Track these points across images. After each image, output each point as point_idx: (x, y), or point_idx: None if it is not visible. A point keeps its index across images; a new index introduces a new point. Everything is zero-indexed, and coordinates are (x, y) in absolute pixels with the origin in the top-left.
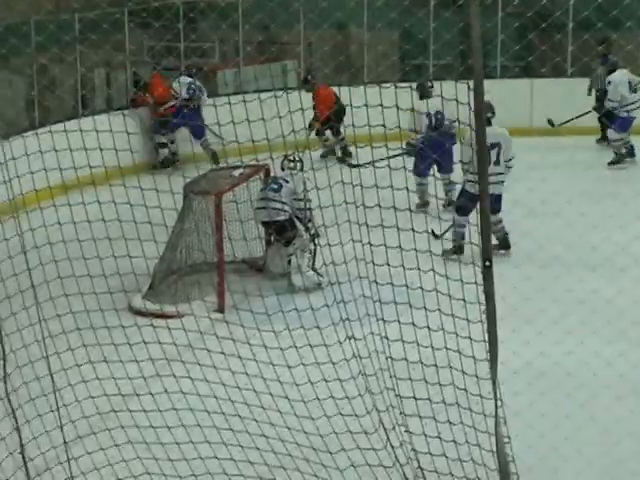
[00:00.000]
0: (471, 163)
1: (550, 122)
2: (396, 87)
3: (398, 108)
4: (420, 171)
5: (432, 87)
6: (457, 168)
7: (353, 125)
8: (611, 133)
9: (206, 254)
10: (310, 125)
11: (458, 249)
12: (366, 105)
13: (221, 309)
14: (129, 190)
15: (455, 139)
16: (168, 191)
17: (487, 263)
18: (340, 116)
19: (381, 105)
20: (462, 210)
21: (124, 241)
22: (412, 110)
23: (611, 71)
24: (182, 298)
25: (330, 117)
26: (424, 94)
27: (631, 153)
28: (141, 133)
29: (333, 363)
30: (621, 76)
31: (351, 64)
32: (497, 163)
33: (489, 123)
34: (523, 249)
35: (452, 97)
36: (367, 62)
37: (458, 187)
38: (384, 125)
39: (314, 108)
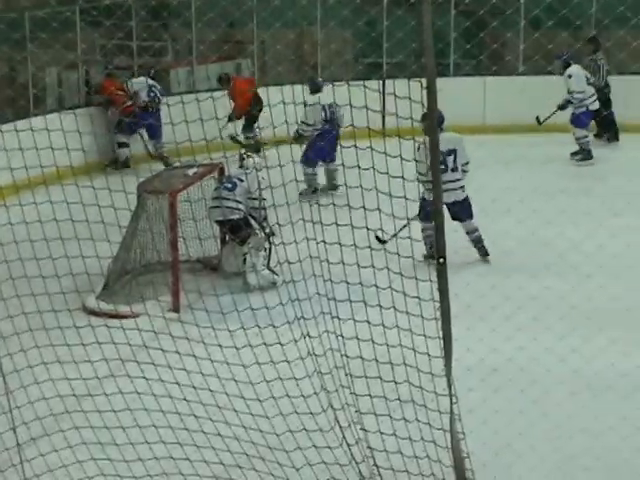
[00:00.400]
0: (428, 173)
1: (537, 120)
2: (349, 85)
3: (351, 106)
4: (310, 161)
5: (323, 82)
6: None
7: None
8: (577, 131)
9: (160, 254)
10: (230, 118)
11: (428, 254)
12: (319, 103)
13: (176, 309)
14: (82, 190)
15: (339, 130)
16: (121, 190)
17: (441, 260)
18: (255, 111)
19: (335, 103)
20: (427, 217)
21: (77, 241)
22: (305, 105)
23: (566, 66)
24: (136, 298)
25: (251, 112)
26: (316, 89)
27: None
28: (94, 132)
29: (288, 362)
30: (578, 69)
31: (305, 62)
32: (455, 169)
33: (441, 129)
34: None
35: (405, 95)
36: (321, 60)
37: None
38: (337, 124)
39: (231, 103)
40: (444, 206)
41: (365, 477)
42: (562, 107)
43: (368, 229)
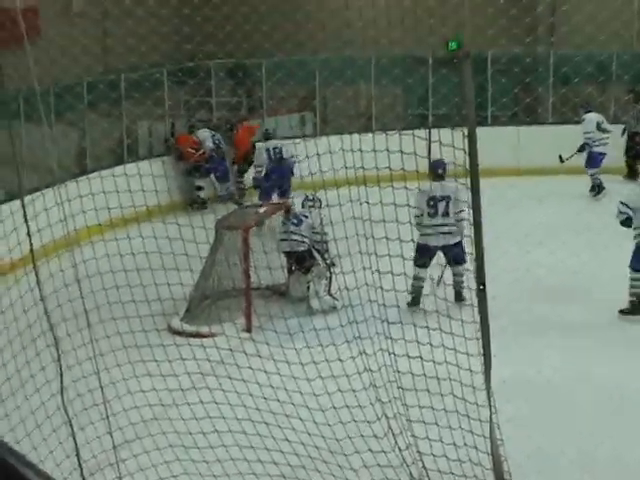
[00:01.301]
0: (423, 216)
1: (560, 158)
2: (400, 134)
3: (402, 152)
4: (264, 195)
5: (274, 131)
6: None
7: (363, 167)
8: (588, 170)
9: (235, 281)
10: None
11: (413, 301)
12: (374, 150)
13: (249, 329)
14: (168, 226)
15: (292, 171)
16: (202, 227)
17: (481, 287)
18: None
19: (387, 150)
20: (419, 262)
21: (164, 271)
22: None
23: (586, 113)
24: (214, 320)
25: (247, 156)
26: (268, 137)
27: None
28: (177, 177)
29: (347, 376)
30: (592, 116)
31: (361, 114)
32: (446, 215)
33: (442, 177)
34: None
35: (449, 143)
36: (375, 113)
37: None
38: (389, 167)
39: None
40: (436, 249)
41: (415, 478)
42: (580, 149)
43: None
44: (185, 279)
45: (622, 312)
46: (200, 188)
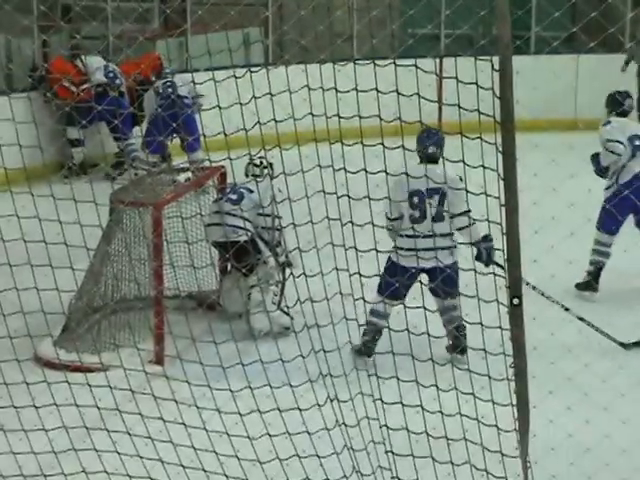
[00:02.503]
0: (402, 220)
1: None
2: (396, 65)
3: (399, 93)
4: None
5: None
6: None
7: (339, 116)
8: None
9: (140, 286)
10: None
11: (365, 347)
12: (356, 89)
13: (160, 360)
14: (37, 200)
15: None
16: (90, 201)
17: (515, 301)
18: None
19: (376, 89)
20: (385, 289)
21: (30, 268)
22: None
23: None
24: (107, 345)
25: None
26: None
27: None
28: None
29: (309, 434)
30: None
31: (336, 34)
32: (438, 219)
33: (433, 158)
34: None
35: (470, 79)
36: (357, 31)
37: None
38: (379, 116)
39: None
40: (419, 272)
41: None
42: None
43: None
44: (62, 282)
45: (578, 286)
46: (76, 143)
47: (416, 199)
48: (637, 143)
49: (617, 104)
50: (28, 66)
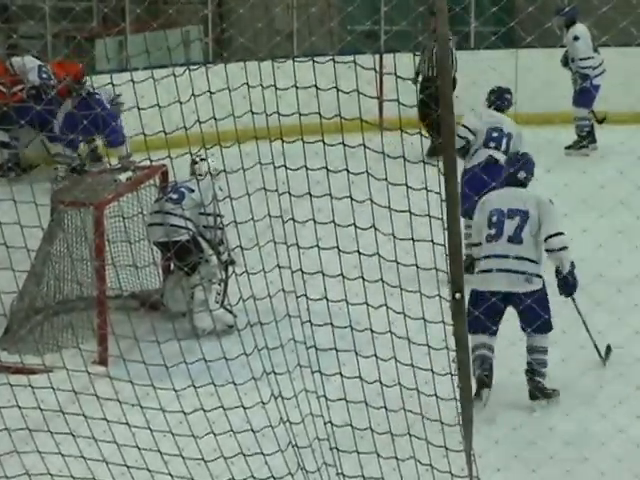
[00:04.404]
0: (481, 242)
1: (596, 118)
2: (335, 62)
3: (338, 90)
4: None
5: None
6: None
7: (279, 113)
8: (578, 110)
9: (82, 286)
10: None
11: (480, 384)
12: (296, 86)
13: (103, 360)
14: None
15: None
16: (30, 202)
17: (457, 295)
18: None
19: (316, 86)
20: (476, 325)
21: None
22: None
23: (570, 25)
24: (50, 346)
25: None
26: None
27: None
28: None
29: (254, 432)
30: (585, 30)
31: (276, 31)
32: (516, 241)
33: (520, 182)
34: None
35: (409, 75)
36: (297, 29)
37: None
38: (319, 113)
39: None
40: (499, 298)
41: None
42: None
43: (360, 253)
44: (3, 283)
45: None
46: (5, 145)
47: (495, 218)
48: (494, 135)
49: (493, 100)
50: None
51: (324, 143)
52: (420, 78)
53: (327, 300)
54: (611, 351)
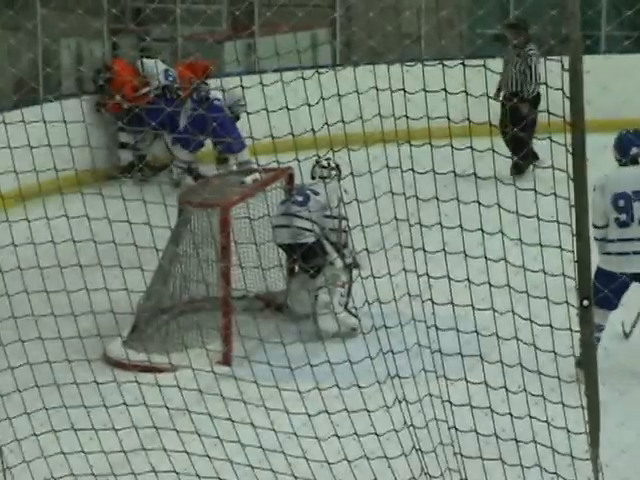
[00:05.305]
0: (609, 227)
1: None
2: (464, 65)
3: (467, 94)
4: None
5: None
6: None
7: (407, 117)
8: None
9: (208, 287)
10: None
11: None
12: (424, 90)
13: (228, 361)
14: (107, 201)
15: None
16: (159, 203)
17: (585, 302)
18: None
19: (445, 90)
20: (600, 301)
21: (100, 269)
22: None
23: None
24: (176, 345)
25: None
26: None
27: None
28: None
29: (377, 435)
30: None
31: (404, 35)
32: None
33: (636, 161)
34: None
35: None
36: (425, 32)
37: None
38: (448, 117)
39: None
40: (631, 278)
41: None
42: None
43: (487, 259)
44: (132, 282)
45: None
46: (128, 146)
47: (622, 202)
48: None
49: None
50: (97, 69)
51: (452, 147)
52: (502, 94)
53: (453, 305)
54: None
